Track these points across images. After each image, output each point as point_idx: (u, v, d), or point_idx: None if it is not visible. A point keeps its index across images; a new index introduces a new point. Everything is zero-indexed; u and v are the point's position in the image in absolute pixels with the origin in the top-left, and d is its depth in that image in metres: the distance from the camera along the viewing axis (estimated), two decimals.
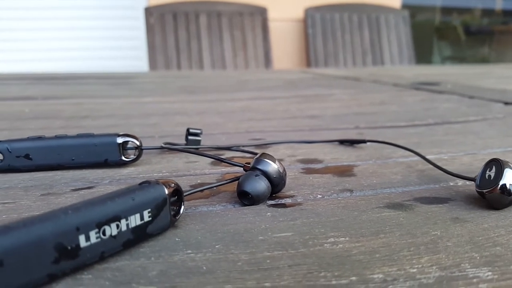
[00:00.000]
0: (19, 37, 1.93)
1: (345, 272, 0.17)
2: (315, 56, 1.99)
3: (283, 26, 2.08)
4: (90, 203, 0.16)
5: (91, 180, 0.29)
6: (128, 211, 0.17)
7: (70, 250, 0.15)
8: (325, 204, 0.24)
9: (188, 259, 0.18)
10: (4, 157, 0.30)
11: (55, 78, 1.10)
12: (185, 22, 1.87)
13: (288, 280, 0.16)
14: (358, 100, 0.70)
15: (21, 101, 0.70)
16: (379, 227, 0.21)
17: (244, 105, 0.66)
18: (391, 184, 0.28)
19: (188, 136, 0.36)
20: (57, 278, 0.16)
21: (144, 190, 0.18)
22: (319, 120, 0.52)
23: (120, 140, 0.31)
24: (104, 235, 0.16)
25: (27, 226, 0.14)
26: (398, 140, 0.39)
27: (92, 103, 0.67)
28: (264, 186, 0.24)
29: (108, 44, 2.00)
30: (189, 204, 0.24)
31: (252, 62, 1.91)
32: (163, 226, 0.19)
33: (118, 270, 0.17)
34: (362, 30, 2.04)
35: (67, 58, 1.95)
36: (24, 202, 0.25)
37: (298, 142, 0.40)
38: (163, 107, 0.64)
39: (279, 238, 0.20)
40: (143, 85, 0.99)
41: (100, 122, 0.51)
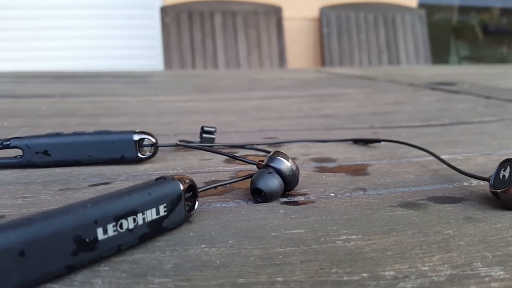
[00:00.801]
0: (37, 36, 1.97)
1: (356, 268, 0.17)
2: (330, 55, 1.98)
3: (298, 25, 2.07)
4: (108, 197, 0.17)
5: (108, 176, 0.29)
6: (145, 206, 0.18)
7: (88, 242, 0.16)
8: (338, 202, 0.25)
9: (202, 253, 0.18)
10: (24, 153, 0.31)
11: (72, 77, 1.12)
12: (200, 22, 1.88)
13: (300, 275, 0.16)
14: (373, 100, 0.70)
15: (39, 99, 0.71)
16: (391, 226, 0.21)
17: (257, 104, 0.66)
18: (404, 183, 0.28)
19: (203, 134, 0.37)
20: (76, 269, 0.16)
21: (160, 185, 0.19)
22: (333, 120, 0.52)
23: (137, 137, 0.32)
24: (121, 229, 0.17)
25: (47, 219, 0.15)
26: (412, 140, 0.39)
27: (108, 101, 0.68)
28: (277, 184, 0.24)
29: (124, 43, 2.02)
30: (203, 200, 0.25)
31: (267, 61, 1.91)
32: (178, 221, 0.20)
33: (134, 262, 0.17)
34: (378, 29, 2.03)
35: (84, 57, 1.98)
36: (43, 196, 0.26)
37: (311, 141, 0.40)
38: (178, 106, 0.64)
39: (291, 234, 0.20)
40: (159, 84, 1.00)
41: (116, 120, 0.52)
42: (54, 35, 1.98)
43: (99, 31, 2.00)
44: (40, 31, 1.96)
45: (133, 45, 2.03)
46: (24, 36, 1.95)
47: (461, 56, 3.32)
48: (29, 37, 1.96)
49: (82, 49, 1.99)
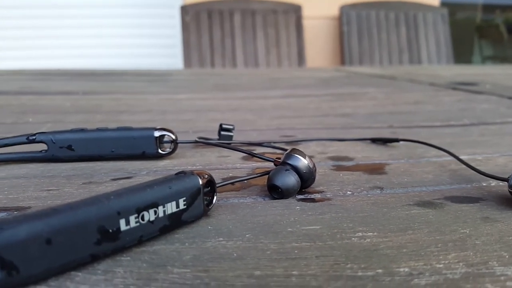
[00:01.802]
0: (61, 34, 2.01)
1: (371, 264, 0.17)
2: (349, 54, 1.97)
3: (317, 23, 2.06)
4: (130, 190, 0.18)
5: (130, 171, 0.30)
6: (165, 199, 0.18)
7: (111, 233, 0.17)
8: (355, 200, 0.25)
9: (220, 246, 0.19)
10: (49, 148, 0.32)
11: (95, 75, 1.14)
12: (219, 20, 1.89)
13: (315, 269, 0.17)
14: (392, 99, 0.69)
15: (63, 96, 0.73)
16: (407, 224, 0.21)
17: (275, 103, 0.67)
18: (422, 183, 0.28)
19: (221, 132, 0.37)
20: (99, 259, 0.17)
21: (180, 179, 0.20)
22: (352, 119, 0.52)
23: (157, 134, 0.32)
24: (143, 220, 0.18)
25: (73, 209, 0.16)
26: (432, 140, 0.39)
27: (130, 98, 0.70)
28: (293, 181, 0.25)
29: (145, 42, 2.05)
30: (221, 196, 0.25)
31: (285, 60, 1.91)
32: (197, 214, 0.20)
33: (154, 253, 0.18)
34: (399, 28, 2.00)
35: (106, 55, 2.02)
36: (67, 189, 0.26)
37: (329, 140, 0.40)
38: (197, 104, 0.65)
39: (307, 230, 0.20)
40: (178, 82, 1.02)
41: (137, 117, 0.53)
42: (76, 33, 2.02)
43: (121, 30, 2.04)
44: (63, 29, 2.01)
45: (154, 44, 2.06)
46: (48, 34, 2.00)
47: (485, 56, 3.25)
48: (52, 35, 2.00)
49: (104, 47, 2.03)
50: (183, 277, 0.16)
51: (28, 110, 0.58)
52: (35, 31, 1.99)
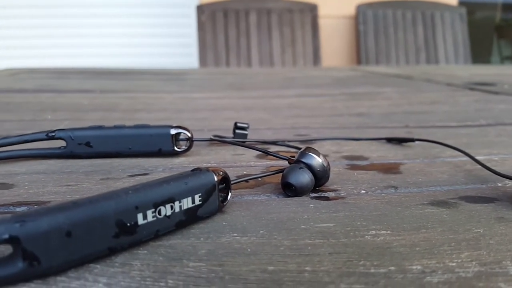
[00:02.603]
0: (78, 33, 2.04)
1: (384, 262, 0.17)
2: (366, 53, 1.95)
3: (333, 23, 2.05)
4: (148, 185, 0.18)
5: (146, 167, 0.31)
6: (181, 194, 0.19)
7: (129, 226, 0.17)
8: (369, 199, 0.25)
9: (234, 241, 0.19)
10: (67, 144, 0.33)
11: (112, 73, 1.15)
12: (235, 20, 1.90)
13: (328, 266, 0.17)
14: (408, 99, 0.69)
15: (80, 94, 0.75)
16: (421, 223, 0.21)
17: (290, 102, 0.67)
18: (436, 182, 0.28)
19: (236, 130, 0.38)
20: (117, 252, 0.17)
21: (196, 176, 0.20)
22: (367, 118, 0.52)
23: (173, 132, 0.33)
24: (160, 215, 0.18)
25: (92, 203, 0.16)
26: (447, 140, 0.39)
27: (146, 97, 0.71)
28: (307, 179, 0.25)
29: (161, 42, 2.07)
30: (235, 192, 0.25)
31: (301, 60, 1.90)
32: (212, 210, 0.21)
33: (170, 247, 0.18)
34: (416, 28, 1.98)
35: (123, 55, 2.04)
36: (85, 185, 0.27)
37: (344, 139, 0.40)
38: (212, 103, 0.66)
39: (320, 228, 0.21)
40: (194, 81, 1.02)
41: (153, 115, 0.54)
42: (94, 33, 2.05)
43: (138, 29, 2.06)
44: (80, 28, 2.04)
45: (170, 43, 2.08)
46: (66, 33, 2.03)
47: (504, 56, 3.19)
48: (70, 34, 2.04)
49: (121, 46, 2.06)
50: (198, 271, 0.16)
51: (46, 108, 0.59)
52: (53, 30, 2.02)
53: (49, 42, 2.02)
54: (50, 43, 2.02)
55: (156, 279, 0.16)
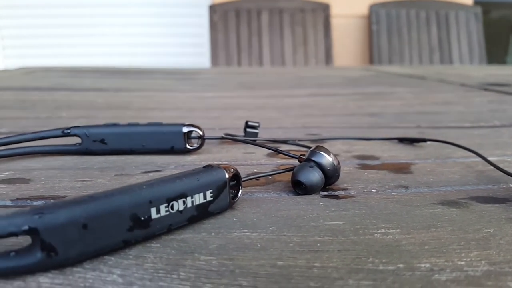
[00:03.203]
0: (92, 33, 2.06)
1: (393, 259, 0.17)
2: (378, 53, 1.94)
3: (346, 22, 2.05)
4: (161, 180, 0.19)
5: (159, 164, 0.31)
6: (193, 190, 0.19)
7: (143, 220, 0.18)
8: (379, 198, 0.25)
9: (245, 237, 0.19)
10: (82, 141, 0.33)
11: (126, 72, 1.17)
12: (247, 19, 1.90)
13: (336, 262, 0.17)
14: (421, 99, 0.68)
15: (95, 92, 0.76)
16: (431, 222, 0.21)
17: (302, 101, 0.67)
18: (447, 182, 0.28)
19: (247, 129, 0.38)
20: (131, 245, 0.18)
21: (207, 172, 0.20)
22: (379, 118, 0.52)
23: (186, 130, 0.33)
24: (172, 210, 0.19)
25: (108, 197, 0.17)
26: (460, 140, 0.38)
27: (159, 96, 0.71)
28: (317, 177, 0.25)
29: (174, 41, 2.08)
30: (246, 190, 0.26)
31: (312, 59, 1.90)
32: (223, 206, 0.21)
33: (182, 241, 0.19)
34: (430, 27, 1.96)
35: (137, 54, 2.06)
36: (100, 180, 0.28)
37: (355, 139, 0.40)
38: (224, 102, 0.66)
39: (330, 225, 0.21)
40: (206, 80, 1.03)
41: (166, 113, 0.54)
42: (108, 32, 2.07)
43: (151, 29, 2.08)
44: (94, 28, 2.06)
45: (182, 43, 2.09)
46: (80, 33, 2.06)
47: None
48: (85, 34, 2.06)
49: (134, 46, 2.08)
50: (210, 264, 0.17)
51: (61, 106, 0.60)
52: (68, 29, 2.05)
53: (63, 41, 2.05)
54: (64, 43, 2.05)
55: (169, 271, 0.16)
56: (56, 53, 2.04)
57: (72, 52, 2.05)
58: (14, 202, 0.24)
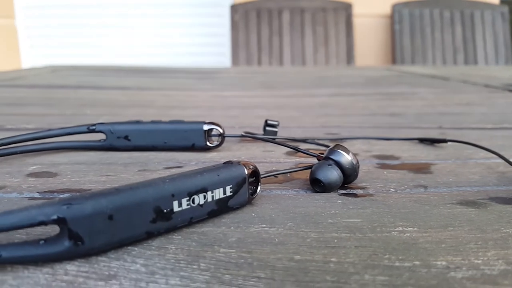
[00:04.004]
0: (116, 33, 2.10)
1: (409, 256, 0.18)
2: (401, 53, 1.92)
3: (368, 22, 2.03)
4: (183, 175, 0.19)
5: (180, 161, 0.32)
6: (214, 185, 0.20)
7: (165, 213, 0.18)
8: (397, 197, 0.25)
9: (263, 231, 0.20)
10: (107, 137, 0.34)
11: (148, 71, 1.19)
12: (268, 19, 1.90)
13: (353, 258, 0.17)
14: (443, 100, 0.67)
15: (118, 91, 0.77)
16: (448, 221, 0.21)
17: (322, 101, 0.67)
18: (467, 183, 0.28)
19: (266, 127, 0.38)
20: (153, 236, 0.19)
21: (227, 168, 0.21)
22: (400, 118, 0.52)
23: (206, 127, 0.34)
24: (193, 203, 0.19)
25: (133, 190, 0.18)
26: (482, 142, 0.38)
27: (180, 95, 0.73)
28: (336, 175, 0.25)
29: (195, 41, 2.11)
30: (264, 187, 0.26)
31: (333, 59, 1.89)
32: (242, 201, 0.22)
33: (203, 234, 0.19)
34: (454, 27, 1.93)
35: (159, 54, 2.09)
36: (124, 175, 0.29)
37: (375, 139, 0.40)
38: (243, 101, 0.67)
39: (347, 222, 0.21)
40: (226, 80, 1.04)
41: (187, 112, 0.55)
42: (131, 32, 2.11)
43: (172, 30, 2.10)
44: (118, 29, 2.10)
45: (204, 43, 2.11)
46: (105, 33, 2.10)
47: None
48: (109, 34, 2.10)
49: (156, 46, 2.11)
50: (229, 256, 0.17)
51: (86, 103, 0.62)
52: (92, 29, 2.10)
53: (88, 41, 2.10)
54: (89, 42, 2.10)
55: (190, 262, 0.17)
56: (81, 52, 2.09)
57: (97, 52, 2.09)
58: (41, 195, 0.25)
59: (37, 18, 2.11)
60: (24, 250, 0.16)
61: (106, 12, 2.09)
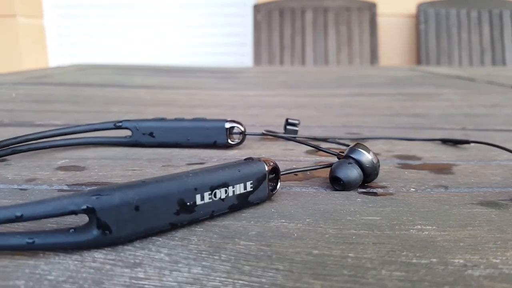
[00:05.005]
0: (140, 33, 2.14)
1: (426, 254, 0.18)
2: (426, 53, 1.89)
3: (393, 21, 2.00)
4: (206, 170, 0.20)
5: (202, 157, 0.33)
6: (235, 180, 0.21)
7: (188, 205, 0.19)
8: (417, 196, 0.25)
9: (282, 226, 0.20)
10: (133, 134, 0.35)
11: (171, 71, 1.21)
12: (291, 18, 1.90)
13: (371, 254, 0.18)
14: (468, 101, 0.66)
15: (143, 89, 0.79)
16: (468, 221, 0.21)
17: (344, 101, 0.67)
18: (489, 184, 0.27)
19: (287, 126, 0.39)
20: (177, 228, 0.19)
21: (248, 164, 0.22)
22: (423, 119, 0.51)
23: (228, 125, 0.35)
24: (215, 197, 0.20)
25: (158, 182, 0.18)
26: (506, 144, 0.37)
27: (203, 94, 0.74)
28: (356, 174, 0.26)
29: (218, 41, 2.12)
30: (284, 184, 0.27)
31: (357, 58, 1.87)
32: (262, 197, 0.22)
33: (224, 227, 0.20)
34: (481, 27, 1.88)
35: (183, 53, 2.12)
36: (148, 170, 0.30)
37: (397, 139, 0.40)
38: (265, 100, 0.67)
39: (366, 220, 0.21)
40: (248, 79, 1.05)
41: (209, 110, 0.56)
42: (155, 32, 2.14)
43: (196, 30, 2.13)
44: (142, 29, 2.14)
45: (226, 43, 2.12)
46: (129, 33, 2.14)
47: None
48: (133, 34, 2.14)
49: (180, 46, 2.13)
50: (248, 249, 0.18)
51: (111, 101, 0.63)
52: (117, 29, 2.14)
53: (113, 41, 2.14)
54: (114, 42, 2.14)
55: (211, 252, 0.18)
56: (106, 51, 2.14)
57: (121, 51, 2.14)
58: (70, 187, 0.26)
59: (64, 18, 2.17)
60: (55, 237, 0.17)
61: (130, 12, 2.13)
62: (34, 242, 0.17)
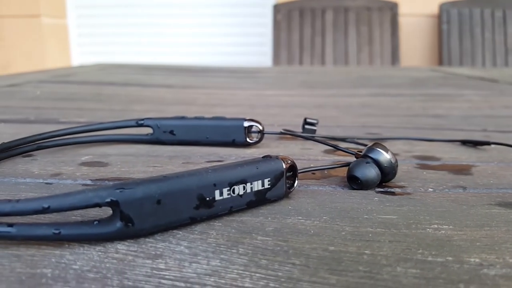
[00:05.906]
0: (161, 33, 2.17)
1: (442, 252, 0.18)
2: (448, 54, 1.86)
3: (414, 21, 1.98)
4: (225, 166, 0.21)
5: (221, 155, 0.34)
6: (253, 177, 0.21)
7: (207, 200, 0.20)
8: (435, 196, 0.25)
9: (299, 223, 0.21)
10: (154, 131, 0.36)
11: (192, 70, 1.22)
12: (311, 18, 1.90)
13: (387, 251, 0.18)
14: (490, 103, 0.65)
15: (164, 88, 0.80)
16: (485, 221, 0.21)
17: (363, 101, 0.67)
18: (508, 185, 0.27)
19: (305, 126, 0.39)
20: (196, 222, 0.20)
21: (266, 162, 0.22)
22: (444, 120, 0.51)
23: (246, 124, 0.35)
24: (234, 193, 0.20)
25: (179, 178, 0.19)
26: None
27: (222, 93, 0.74)
28: (373, 173, 0.26)
29: (238, 41, 2.13)
30: (301, 182, 0.27)
31: (377, 59, 1.86)
32: (279, 194, 0.23)
33: (242, 222, 0.21)
34: (506, 27, 1.84)
35: (203, 53, 2.14)
36: (169, 167, 0.30)
37: (416, 139, 0.40)
38: (284, 100, 0.68)
39: (383, 219, 0.22)
40: (267, 79, 1.05)
41: (228, 110, 0.57)
42: (176, 32, 2.16)
43: (216, 29, 2.14)
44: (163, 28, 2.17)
45: (246, 42, 2.13)
46: (151, 33, 2.17)
47: None
48: (154, 34, 2.17)
49: (200, 45, 2.15)
50: (266, 244, 0.18)
51: (133, 100, 0.65)
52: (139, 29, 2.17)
53: (135, 40, 2.18)
54: (136, 41, 2.18)
55: (229, 246, 0.18)
56: (127, 51, 2.17)
57: (143, 51, 2.17)
58: (94, 182, 0.27)
59: (87, 18, 2.21)
60: (80, 229, 0.18)
61: (151, 12, 2.16)
62: (60, 233, 0.17)
